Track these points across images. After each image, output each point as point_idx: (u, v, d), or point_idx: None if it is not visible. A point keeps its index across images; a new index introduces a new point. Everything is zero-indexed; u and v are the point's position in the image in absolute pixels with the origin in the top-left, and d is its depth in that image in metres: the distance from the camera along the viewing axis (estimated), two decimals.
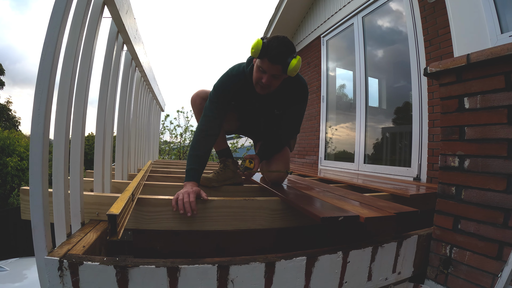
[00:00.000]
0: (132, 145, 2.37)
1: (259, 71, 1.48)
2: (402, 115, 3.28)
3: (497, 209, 1.09)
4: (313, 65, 4.98)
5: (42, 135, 0.90)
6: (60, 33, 0.95)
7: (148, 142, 3.54)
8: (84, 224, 1.19)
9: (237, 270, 0.94)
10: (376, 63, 3.75)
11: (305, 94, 1.71)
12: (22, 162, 8.40)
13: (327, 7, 4.58)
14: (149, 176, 2.24)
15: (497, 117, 1.12)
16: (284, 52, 1.41)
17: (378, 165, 3.44)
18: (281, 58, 1.41)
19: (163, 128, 9.23)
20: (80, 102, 1.18)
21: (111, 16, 1.45)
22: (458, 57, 1.25)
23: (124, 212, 1.00)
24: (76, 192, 1.14)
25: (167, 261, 0.90)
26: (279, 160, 1.85)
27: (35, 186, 0.90)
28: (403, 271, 1.28)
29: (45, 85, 0.91)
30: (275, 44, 1.40)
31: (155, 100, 3.70)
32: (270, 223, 1.42)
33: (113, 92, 1.62)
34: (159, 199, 1.29)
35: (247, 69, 1.60)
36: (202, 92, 1.84)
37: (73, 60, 1.08)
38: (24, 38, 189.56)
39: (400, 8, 3.18)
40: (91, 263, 0.86)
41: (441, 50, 2.48)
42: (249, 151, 9.14)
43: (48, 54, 0.93)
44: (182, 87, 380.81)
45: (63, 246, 0.97)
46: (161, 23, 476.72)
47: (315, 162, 4.77)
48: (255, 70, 1.51)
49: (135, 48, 1.88)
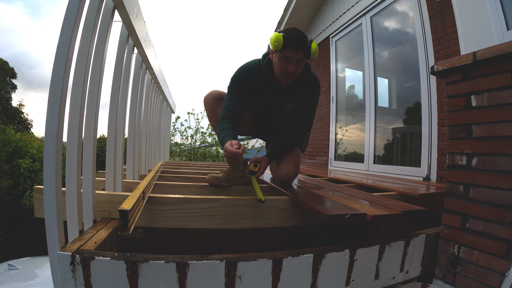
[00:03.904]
0: (143, 146, 2.41)
1: (284, 61, 1.57)
2: (412, 115, 3.26)
3: (505, 208, 1.08)
4: (322, 66, 4.97)
5: (56, 135, 0.94)
6: (72, 37, 0.99)
7: (158, 143, 3.58)
8: (96, 222, 1.23)
9: (244, 266, 0.96)
10: (385, 63, 3.73)
11: (317, 88, 1.80)
12: (34, 163, 8.55)
13: (335, 8, 4.58)
14: (159, 176, 2.27)
15: (505, 115, 1.11)
16: (304, 39, 1.53)
17: (388, 165, 3.42)
18: (303, 44, 1.52)
19: (173, 130, 9.32)
20: (92, 103, 1.22)
21: (121, 20, 1.48)
22: (464, 55, 1.24)
23: (135, 208, 1.02)
24: (88, 191, 1.17)
25: (176, 257, 0.93)
26: (289, 160, 1.86)
27: (49, 184, 0.93)
28: (411, 270, 1.27)
29: (58, 87, 0.95)
30: (293, 34, 1.52)
31: (165, 102, 3.74)
32: (279, 221, 1.43)
33: (124, 94, 1.66)
34: (169, 197, 1.32)
35: (263, 63, 1.68)
36: (215, 92, 1.87)
37: (85, 63, 1.12)
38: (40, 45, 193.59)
39: (407, 7, 3.16)
40: (103, 258, 0.89)
41: (449, 49, 2.46)
42: (259, 152, 9.15)
43: (61, 57, 0.96)
44: (192, 89, 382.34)
45: (76, 242, 1.00)
46: (170, 26, 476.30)
47: (325, 162, 4.76)
48: (278, 63, 1.59)
49: (145, 51, 1.91)
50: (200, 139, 9.65)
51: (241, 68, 1.73)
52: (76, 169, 1.07)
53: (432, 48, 2.70)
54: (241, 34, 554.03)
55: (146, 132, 2.54)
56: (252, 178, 1.64)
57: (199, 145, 9.71)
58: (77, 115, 1.08)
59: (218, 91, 1.88)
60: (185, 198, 1.33)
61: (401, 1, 3.27)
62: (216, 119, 1.86)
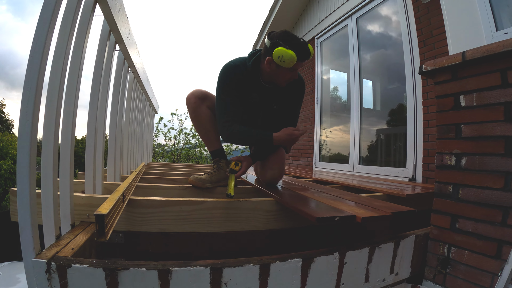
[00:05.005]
0: (124, 147, 2.33)
1: (289, 71, 1.56)
2: (397, 116, 3.28)
3: (495, 207, 1.08)
4: (307, 66, 4.98)
5: (30, 133, 0.87)
6: (49, 31, 0.92)
7: (141, 144, 3.50)
8: (74, 226, 1.15)
9: (230, 272, 0.92)
10: (370, 65, 3.76)
11: (302, 88, 1.78)
12: (15, 165, 8.27)
13: (321, 9, 4.59)
14: (141, 178, 2.20)
15: (494, 115, 1.11)
16: (308, 48, 1.51)
17: (373, 166, 3.44)
18: (309, 53, 1.52)
19: (157, 130, 9.20)
20: (70, 100, 1.15)
21: (103, 15, 1.42)
22: (453, 55, 1.24)
23: (113, 212, 0.97)
24: (66, 193, 1.10)
25: (158, 264, 0.87)
26: (274, 161, 1.83)
27: (22, 186, 0.86)
28: (400, 271, 1.26)
29: (33, 81, 0.88)
30: (302, 48, 1.48)
31: (148, 102, 3.66)
32: (265, 224, 1.39)
33: (105, 92, 1.58)
34: (151, 200, 1.26)
35: (249, 63, 1.64)
36: (197, 92, 1.83)
37: (63, 58, 1.05)
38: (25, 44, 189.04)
39: (394, 10, 3.19)
40: (80, 266, 0.83)
41: (435, 51, 2.49)
42: (243, 154, 9.12)
43: (37, 51, 0.89)
44: (176, 90, 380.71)
45: (52, 248, 0.94)
46: (153, 25, 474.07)
47: (309, 163, 4.76)
48: (283, 73, 1.57)
49: (127, 48, 1.85)
50: (183, 140, 9.59)
51: (226, 66, 1.69)
52: (52, 170, 1.00)
53: (418, 50, 2.72)
54: (225, 34, 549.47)
55: (128, 132, 2.46)
56: (231, 177, 1.63)
57: (182, 146, 9.62)
58: (53, 112, 1.01)
59: (200, 90, 1.84)
60: (168, 200, 1.27)
61: (387, 3, 3.30)
62: (199, 119, 1.83)
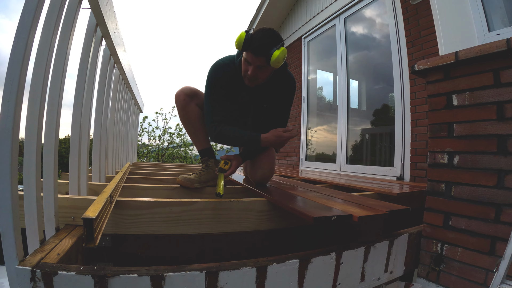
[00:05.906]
0: (110, 146, 2.26)
1: (246, 63, 1.52)
2: (384, 116, 3.32)
3: (488, 205, 1.09)
4: (294, 66, 4.98)
5: (12, 131, 0.81)
6: (33, 23, 0.87)
7: (126, 143, 3.41)
8: (59, 230, 1.09)
9: (226, 276, 0.88)
10: (358, 65, 3.78)
11: (293, 87, 1.76)
12: None
13: (309, 8, 4.60)
14: (127, 178, 2.13)
15: (486, 114, 1.12)
16: (267, 44, 1.44)
17: (361, 165, 3.46)
18: (263, 49, 1.44)
19: (141, 130, 9.03)
20: (54, 96, 1.09)
21: (90, 7, 1.36)
22: (446, 55, 1.24)
23: (101, 215, 0.92)
24: (49, 195, 1.04)
25: (150, 269, 0.83)
26: (264, 160, 1.81)
27: (3, 187, 0.80)
28: (395, 270, 1.26)
29: (15, 75, 0.82)
30: (258, 36, 1.44)
31: (133, 100, 3.57)
32: (257, 225, 1.37)
33: (90, 89, 1.52)
34: (139, 201, 1.21)
35: (237, 61, 1.62)
36: (186, 89, 1.78)
37: (47, 52, 0.99)
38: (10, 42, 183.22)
39: (382, 10, 3.22)
40: (67, 273, 0.77)
41: (423, 51, 2.52)
42: (228, 153, 9.08)
43: (19, 44, 0.84)
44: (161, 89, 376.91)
45: (36, 254, 0.88)
46: (138, 21, 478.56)
47: (296, 163, 4.77)
48: (242, 63, 1.54)
49: (114, 44, 1.78)
50: (168, 140, 9.47)
51: (215, 65, 1.67)
52: (35, 170, 0.94)
53: (406, 50, 2.76)
54: (212, 32, 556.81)
55: (113, 131, 2.38)
56: (220, 176, 1.61)
57: (167, 146, 9.49)
58: (36, 109, 0.95)
59: (190, 87, 1.80)
60: (157, 201, 1.23)
61: (376, 4, 3.33)
62: (187, 116, 1.79)
